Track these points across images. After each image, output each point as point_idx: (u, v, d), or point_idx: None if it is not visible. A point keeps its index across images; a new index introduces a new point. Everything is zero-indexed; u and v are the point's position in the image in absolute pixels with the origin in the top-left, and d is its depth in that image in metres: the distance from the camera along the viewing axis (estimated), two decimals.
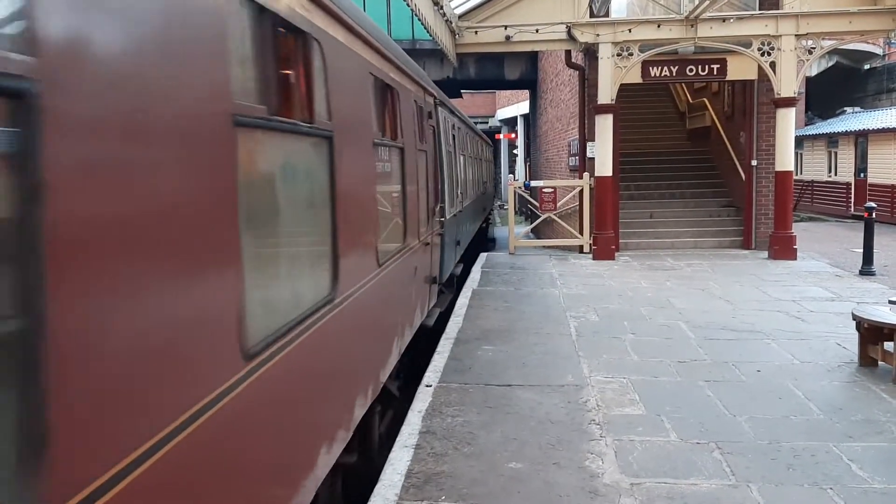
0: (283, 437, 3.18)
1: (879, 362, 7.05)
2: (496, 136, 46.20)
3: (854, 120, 27.36)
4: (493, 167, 17.53)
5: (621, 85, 14.54)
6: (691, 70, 15.16)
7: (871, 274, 12.72)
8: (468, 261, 14.92)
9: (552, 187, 17.05)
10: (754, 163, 15.82)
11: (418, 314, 7.54)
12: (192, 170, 2.34)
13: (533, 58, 25.97)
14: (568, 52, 16.37)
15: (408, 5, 11.27)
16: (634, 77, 15.02)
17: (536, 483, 4.73)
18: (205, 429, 2.33)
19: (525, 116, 38.17)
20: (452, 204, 10.82)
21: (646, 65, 14.95)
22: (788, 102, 14.29)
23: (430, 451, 5.24)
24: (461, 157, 11.91)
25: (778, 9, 14.33)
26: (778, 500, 4.44)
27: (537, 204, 16.96)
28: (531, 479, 4.79)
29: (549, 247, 17.14)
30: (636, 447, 5.28)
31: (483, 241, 19.17)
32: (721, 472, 4.86)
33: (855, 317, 7.27)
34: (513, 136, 45.22)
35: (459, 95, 32.60)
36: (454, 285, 11.93)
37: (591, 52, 15.07)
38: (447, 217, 9.58)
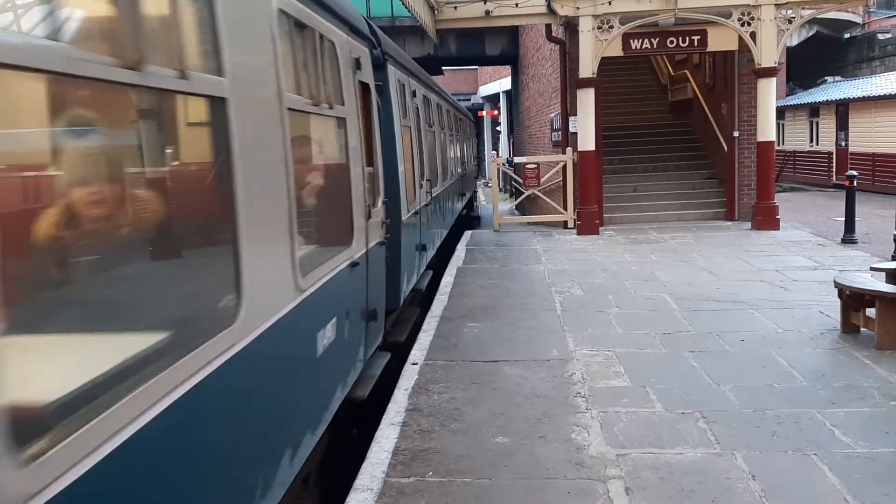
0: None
1: (861, 329, 7.10)
2: (479, 114, 46.04)
3: (835, 89, 27.44)
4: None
5: (603, 58, 14.47)
6: (672, 42, 15.11)
7: (853, 242, 12.81)
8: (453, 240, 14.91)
9: (535, 163, 17.01)
10: (736, 134, 15.84)
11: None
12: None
13: (514, 33, 25.79)
14: (548, 26, 16.26)
15: None
16: (615, 50, 14.95)
17: (523, 457, 4.74)
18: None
19: (507, 93, 38.01)
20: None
21: (626, 37, 14.88)
22: (769, 72, 14.28)
23: (417, 429, 5.24)
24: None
25: None
26: (762, 467, 4.47)
27: (521, 180, 16.92)
28: (518, 453, 4.80)
29: (533, 223, 17.12)
30: (621, 419, 5.30)
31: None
32: (706, 440, 4.89)
33: (837, 284, 7.31)
34: (496, 112, 45.07)
35: (441, 72, 32.39)
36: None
37: (571, 25, 14.96)
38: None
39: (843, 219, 13.23)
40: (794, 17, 14.39)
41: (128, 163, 2.42)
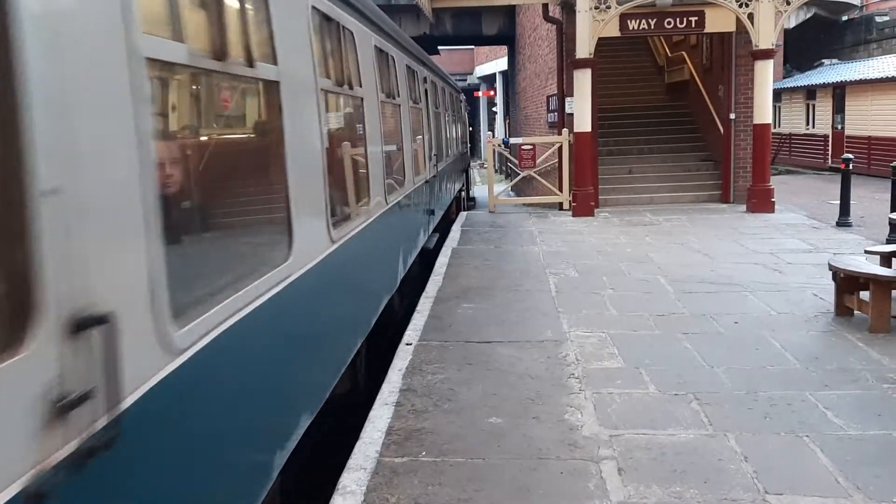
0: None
1: (855, 311, 7.12)
2: (475, 94, 45.82)
3: (832, 72, 27.35)
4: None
5: (599, 39, 14.38)
6: (669, 23, 14.99)
7: (848, 225, 12.81)
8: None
9: (531, 144, 16.95)
10: (732, 116, 15.79)
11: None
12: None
13: (510, 12, 25.61)
14: (545, 6, 16.14)
15: None
16: (612, 30, 14.84)
17: (516, 437, 4.75)
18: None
19: (504, 73, 37.80)
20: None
21: (624, 18, 14.76)
22: (766, 54, 14.22)
23: (411, 409, 5.24)
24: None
25: None
26: (754, 449, 4.49)
27: (517, 161, 16.88)
28: (511, 433, 4.81)
29: (528, 204, 17.10)
30: (615, 400, 5.31)
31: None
32: (699, 422, 4.90)
33: (831, 267, 7.31)
34: (492, 93, 44.88)
35: (437, 52, 32.17)
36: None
37: (568, 5, 14.85)
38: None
39: (839, 202, 13.23)
40: None
41: None
